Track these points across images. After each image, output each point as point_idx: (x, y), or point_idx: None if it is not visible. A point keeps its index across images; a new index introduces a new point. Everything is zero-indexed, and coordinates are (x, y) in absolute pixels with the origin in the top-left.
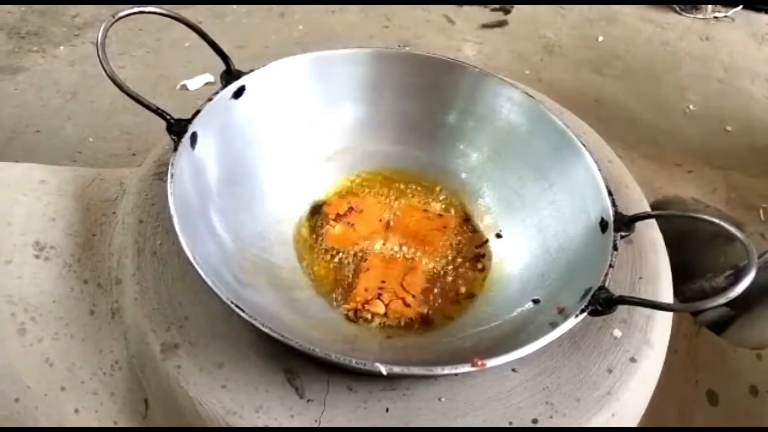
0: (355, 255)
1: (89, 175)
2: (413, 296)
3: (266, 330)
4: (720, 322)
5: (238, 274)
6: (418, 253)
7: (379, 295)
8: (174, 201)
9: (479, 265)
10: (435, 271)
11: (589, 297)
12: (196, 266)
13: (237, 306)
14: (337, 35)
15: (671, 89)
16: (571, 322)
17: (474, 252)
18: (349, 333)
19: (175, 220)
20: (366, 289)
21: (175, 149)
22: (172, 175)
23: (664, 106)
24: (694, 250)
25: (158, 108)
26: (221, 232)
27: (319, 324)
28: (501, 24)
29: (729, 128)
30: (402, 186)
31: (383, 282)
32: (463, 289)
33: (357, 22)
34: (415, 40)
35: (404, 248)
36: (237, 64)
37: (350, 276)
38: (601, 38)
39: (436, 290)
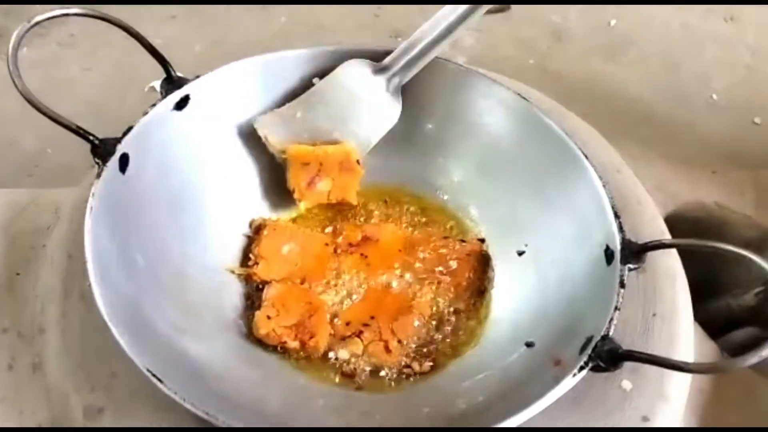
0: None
1: (23, 200)
2: (399, 342)
3: (188, 406)
4: (747, 347)
5: (176, 319)
6: (425, 290)
7: (360, 332)
8: (92, 241)
9: (481, 311)
10: (436, 313)
11: (589, 349)
12: (110, 324)
13: (154, 375)
14: (322, 27)
15: (692, 77)
16: (567, 384)
17: (478, 293)
18: (310, 385)
19: (90, 266)
20: (348, 323)
21: (98, 176)
22: (91, 209)
23: (684, 96)
24: (718, 260)
25: (79, 127)
26: (160, 268)
27: (274, 374)
28: (503, 9)
29: (758, 120)
30: (378, 204)
31: (372, 318)
32: (461, 340)
33: (345, 12)
34: (410, 30)
35: (410, 280)
36: (211, 63)
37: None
38: (613, 22)
39: (429, 338)
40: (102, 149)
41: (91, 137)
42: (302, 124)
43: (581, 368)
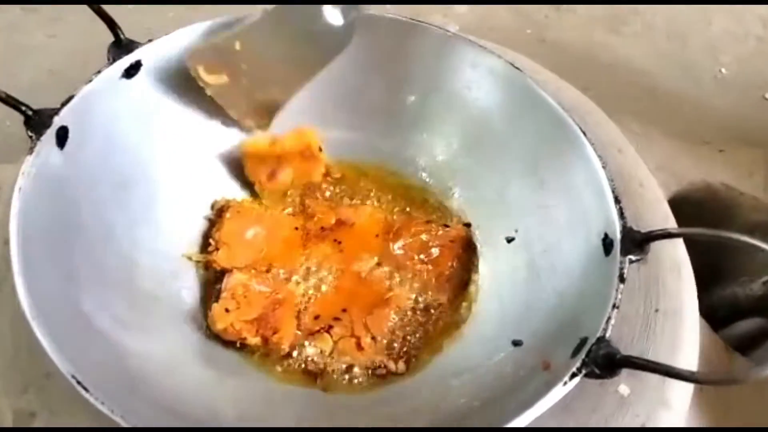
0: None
1: None
2: (373, 338)
3: (117, 419)
4: (754, 339)
5: (121, 312)
6: (404, 280)
7: (330, 327)
8: (19, 225)
9: (464, 304)
10: (415, 307)
11: (583, 353)
12: (31, 321)
13: (79, 383)
14: None
15: (699, 50)
16: (558, 393)
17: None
18: (271, 386)
19: (14, 253)
20: (317, 317)
21: (31, 152)
22: (20, 189)
23: (691, 70)
24: (722, 247)
25: (9, 96)
26: (104, 255)
27: (231, 374)
28: None
29: None
30: (354, 184)
31: (344, 311)
32: (442, 336)
33: None
34: None
35: (387, 269)
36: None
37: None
38: None
39: (407, 335)
40: (36, 121)
41: (23, 107)
42: (240, 56)
43: (573, 375)
